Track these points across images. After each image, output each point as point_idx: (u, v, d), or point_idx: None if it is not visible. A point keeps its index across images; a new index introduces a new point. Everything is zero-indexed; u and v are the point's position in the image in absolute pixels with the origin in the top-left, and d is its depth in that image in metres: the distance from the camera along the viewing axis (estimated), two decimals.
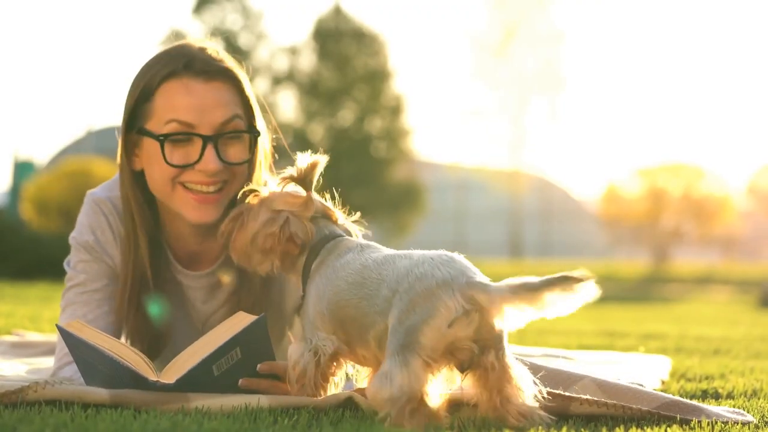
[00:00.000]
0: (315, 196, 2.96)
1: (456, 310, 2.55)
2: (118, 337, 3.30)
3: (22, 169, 22.85)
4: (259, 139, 3.30)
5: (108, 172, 18.39)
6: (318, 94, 39.88)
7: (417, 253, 2.72)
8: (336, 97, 39.84)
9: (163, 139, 3.13)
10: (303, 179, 2.92)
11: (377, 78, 40.00)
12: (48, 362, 3.90)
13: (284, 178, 2.92)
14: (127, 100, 3.22)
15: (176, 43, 3.29)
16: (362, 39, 40.19)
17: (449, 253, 2.70)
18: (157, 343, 3.32)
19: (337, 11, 40.57)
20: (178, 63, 3.18)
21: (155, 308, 3.34)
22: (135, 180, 3.25)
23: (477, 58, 41.68)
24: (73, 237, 3.35)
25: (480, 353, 2.60)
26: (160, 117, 3.15)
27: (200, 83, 3.16)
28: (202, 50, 3.25)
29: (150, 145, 3.18)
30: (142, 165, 3.24)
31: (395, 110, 40.00)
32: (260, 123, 3.32)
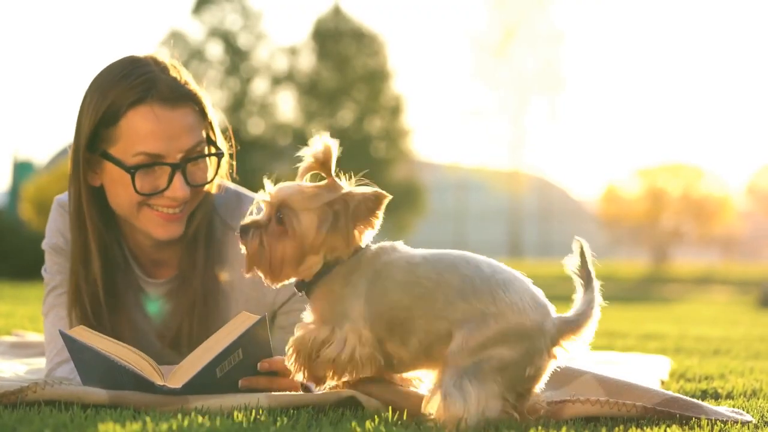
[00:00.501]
0: (339, 181, 2.80)
1: (544, 361, 2.65)
2: None
3: (22, 170, 22.84)
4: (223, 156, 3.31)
5: None
6: (317, 94, 39.91)
7: (479, 261, 2.69)
8: (335, 98, 39.87)
9: (134, 172, 3.13)
10: (324, 164, 2.78)
11: (377, 78, 40.02)
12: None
13: (306, 168, 2.78)
14: (86, 120, 3.17)
15: (132, 60, 3.21)
16: (362, 39, 40.22)
17: (517, 273, 2.72)
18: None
19: (337, 11, 40.59)
20: (144, 88, 3.13)
21: (153, 307, 3.34)
22: (91, 195, 3.24)
23: (477, 58, 41.70)
24: (45, 243, 3.37)
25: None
26: (127, 146, 3.12)
27: (167, 110, 3.13)
28: (164, 71, 3.20)
29: (114, 169, 3.16)
30: (101, 182, 3.23)
31: (395, 110, 40.03)
32: (219, 137, 3.31)
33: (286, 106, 40.56)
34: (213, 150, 3.27)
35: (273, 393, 2.82)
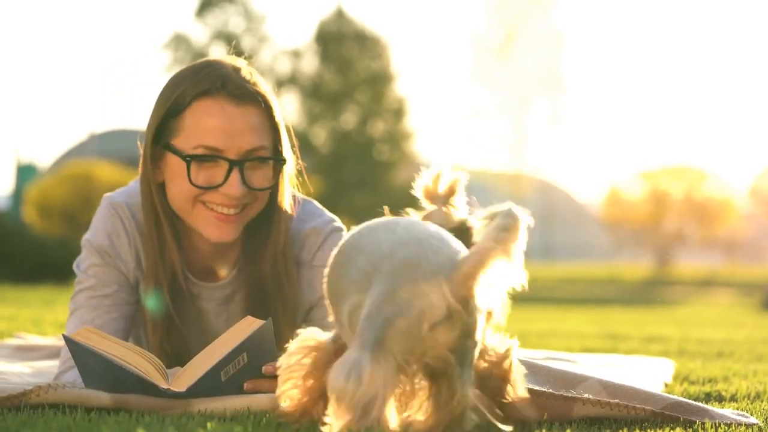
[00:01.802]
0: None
1: (441, 311, 2.30)
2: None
3: (25, 173, 22.90)
4: (285, 164, 3.28)
5: (111, 175, 18.44)
6: (320, 97, 39.95)
7: (402, 223, 2.47)
8: (338, 100, 39.90)
9: (189, 160, 3.13)
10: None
11: (379, 81, 40.05)
12: (51, 365, 3.90)
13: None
14: (155, 113, 3.20)
15: (208, 60, 3.28)
16: (364, 42, 40.26)
17: (441, 233, 2.42)
18: (177, 360, 3.30)
19: (340, 14, 40.63)
20: (213, 82, 3.16)
21: (152, 302, 3.33)
22: (159, 191, 3.23)
23: (478, 60, 41.70)
24: (87, 239, 3.31)
25: (456, 365, 2.35)
26: (189, 137, 3.14)
27: (232, 106, 3.15)
28: (237, 71, 3.23)
29: (175, 162, 3.16)
30: (164, 178, 3.23)
31: (398, 113, 40.06)
32: (287, 148, 3.29)
33: (289, 108, 40.60)
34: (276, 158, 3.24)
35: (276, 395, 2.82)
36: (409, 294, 2.31)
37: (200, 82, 3.16)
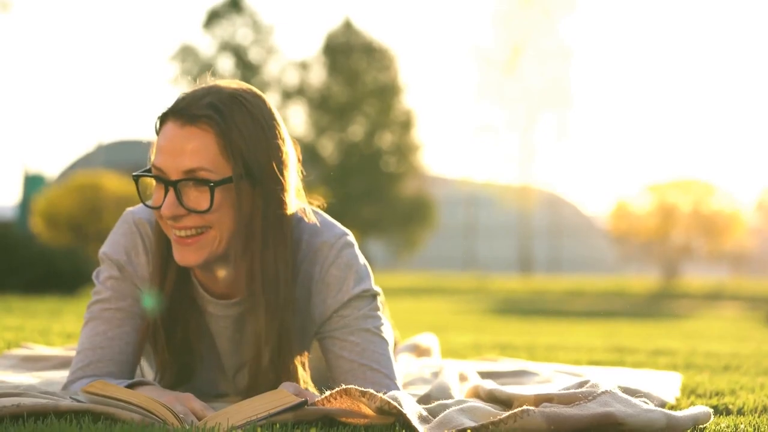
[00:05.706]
0: None
1: None
2: (137, 359, 3.29)
3: (32, 183, 22.92)
4: (253, 185, 3.16)
5: (118, 186, 18.46)
6: (328, 108, 40.00)
7: None
8: (346, 112, 39.96)
9: (136, 177, 3.17)
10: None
11: (387, 92, 40.12)
12: (59, 375, 3.90)
13: None
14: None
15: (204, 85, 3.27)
16: (372, 53, 40.33)
17: None
18: (184, 372, 3.29)
19: (348, 26, 40.72)
20: (169, 108, 3.17)
21: (149, 301, 3.32)
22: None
23: (485, 74, 41.70)
24: (105, 252, 3.32)
25: None
26: (152, 160, 3.19)
27: (177, 127, 3.13)
28: (200, 94, 3.16)
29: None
30: None
31: (405, 125, 40.11)
32: (264, 173, 3.16)
33: (297, 120, 40.65)
34: (221, 180, 3.11)
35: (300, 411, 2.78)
36: None
37: (167, 108, 3.19)
